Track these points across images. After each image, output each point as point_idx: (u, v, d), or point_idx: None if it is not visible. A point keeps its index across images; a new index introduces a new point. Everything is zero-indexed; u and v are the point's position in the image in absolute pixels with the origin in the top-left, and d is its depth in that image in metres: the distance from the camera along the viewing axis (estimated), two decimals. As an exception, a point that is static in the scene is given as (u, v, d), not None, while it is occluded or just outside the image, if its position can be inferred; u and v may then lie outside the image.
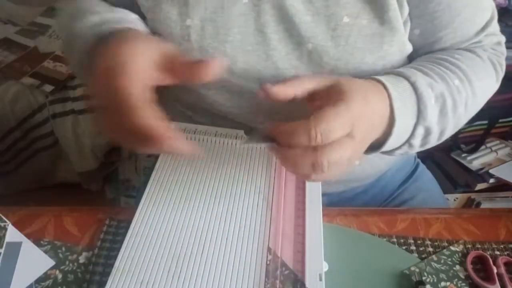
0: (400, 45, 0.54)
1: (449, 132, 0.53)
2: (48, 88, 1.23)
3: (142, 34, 0.49)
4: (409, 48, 0.55)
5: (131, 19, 0.55)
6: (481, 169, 1.11)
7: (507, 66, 0.62)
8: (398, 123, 0.45)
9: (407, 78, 0.49)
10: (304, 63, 0.54)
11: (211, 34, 0.53)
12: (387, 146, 0.48)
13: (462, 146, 1.17)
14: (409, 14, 0.54)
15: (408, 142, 0.50)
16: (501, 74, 0.59)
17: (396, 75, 0.50)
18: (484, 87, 0.56)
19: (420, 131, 0.49)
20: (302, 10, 0.52)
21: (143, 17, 0.59)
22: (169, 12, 0.54)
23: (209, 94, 0.58)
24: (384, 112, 0.45)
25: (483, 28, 0.57)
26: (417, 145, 0.51)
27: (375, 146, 0.48)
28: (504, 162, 1.11)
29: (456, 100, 0.51)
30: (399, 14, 0.52)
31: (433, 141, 0.52)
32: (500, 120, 1.16)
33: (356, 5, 0.51)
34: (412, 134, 0.49)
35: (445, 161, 1.19)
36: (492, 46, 0.59)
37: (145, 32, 0.53)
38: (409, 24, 0.54)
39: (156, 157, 0.56)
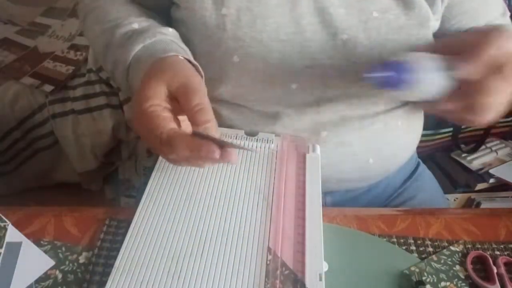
0: (426, 39, 0.58)
1: None
2: (48, 88, 1.23)
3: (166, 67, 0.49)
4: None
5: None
6: (481, 169, 1.11)
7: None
8: None
9: None
10: (339, 53, 0.56)
11: (248, 23, 0.54)
12: None
13: (462, 146, 1.17)
14: (449, 13, 0.59)
15: None
16: None
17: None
18: None
19: None
20: (336, 3, 0.54)
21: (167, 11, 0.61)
22: (204, 1, 0.54)
23: (242, 84, 0.58)
24: None
25: (503, 12, 0.64)
26: None
27: None
28: (504, 162, 1.12)
29: None
30: (426, 12, 0.56)
31: None
32: (500, 120, 1.16)
33: (384, 1, 0.54)
34: None
35: (445, 161, 1.19)
36: None
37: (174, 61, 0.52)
38: (439, 23, 0.59)
39: (156, 157, 0.56)
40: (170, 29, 0.57)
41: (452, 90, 0.46)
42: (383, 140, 0.63)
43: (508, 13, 0.65)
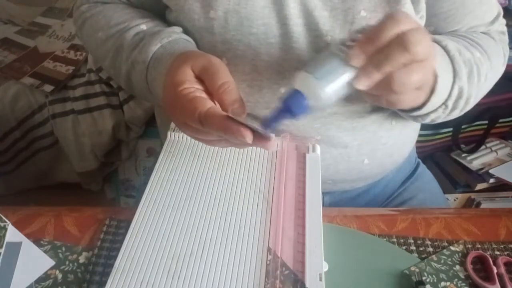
0: None
1: (472, 102, 0.56)
2: (48, 88, 1.23)
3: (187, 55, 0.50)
4: None
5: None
6: (481, 169, 1.11)
7: (507, 66, 0.63)
8: (440, 79, 0.47)
9: (438, 42, 0.52)
10: None
11: (235, 25, 0.54)
12: (430, 105, 0.49)
13: (462, 146, 1.17)
14: (426, 12, 0.56)
15: (444, 103, 0.52)
16: (505, 60, 0.62)
17: None
18: (497, 65, 0.60)
19: (455, 91, 0.52)
20: (320, 6, 0.53)
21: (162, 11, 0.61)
22: (193, 4, 0.55)
23: None
24: None
25: (491, 23, 0.61)
26: (449, 108, 0.53)
27: (417, 107, 0.50)
28: (504, 162, 1.12)
29: (479, 69, 0.54)
30: (412, 9, 0.54)
31: (460, 107, 0.55)
32: (500, 120, 1.16)
33: (372, 0, 0.53)
34: (450, 94, 0.51)
35: (445, 161, 1.19)
36: (497, 34, 0.63)
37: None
38: (424, 21, 0.57)
39: (156, 157, 0.56)
40: (181, 29, 0.58)
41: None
42: (378, 141, 0.63)
43: (504, 21, 0.63)
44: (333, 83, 0.41)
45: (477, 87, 0.55)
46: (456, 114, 0.56)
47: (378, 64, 0.39)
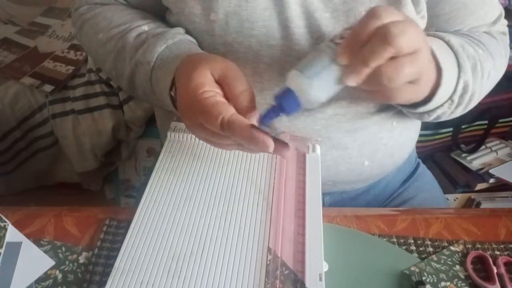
0: None
1: (476, 99, 0.56)
2: (48, 88, 1.23)
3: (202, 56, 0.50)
4: None
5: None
6: (481, 169, 1.11)
7: (507, 66, 0.63)
8: (445, 73, 0.47)
9: (441, 38, 0.52)
10: None
11: (236, 28, 0.54)
12: (436, 100, 0.49)
13: (462, 146, 1.17)
14: (427, 13, 0.56)
15: (450, 98, 0.52)
16: (507, 61, 0.62)
17: (430, 35, 0.52)
18: (500, 64, 0.60)
19: (461, 85, 0.52)
20: (322, 7, 0.53)
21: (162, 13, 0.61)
22: (193, 7, 0.55)
23: None
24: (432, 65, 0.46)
25: (493, 24, 0.61)
26: (455, 103, 0.53)
27: (423, 101, 0.50)
28: (504, 162, 1.12)
29: (483, 65, 0.54)
30: (413, 10, 0.54)
31: (465, 103, 0.54)
32: (500, 120, 1.16)
33: (373, 0, 0.53)
34: (455, 89, 0.51)
35: (445, 161, 1.19)
36: (499, 34, 0.63)
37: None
38: (425, 21, 0.57)
39: (156, 157, 0.56)
40: (184, 30, 0.58)
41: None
42: (379, 142, 0.62)
43: (505, 22, 0.63)
44: (323, 81, 0.41)
45: (480, 83, 0.55)
46: (460, 111, 0.56)
47: (364, 59, 0.39)
